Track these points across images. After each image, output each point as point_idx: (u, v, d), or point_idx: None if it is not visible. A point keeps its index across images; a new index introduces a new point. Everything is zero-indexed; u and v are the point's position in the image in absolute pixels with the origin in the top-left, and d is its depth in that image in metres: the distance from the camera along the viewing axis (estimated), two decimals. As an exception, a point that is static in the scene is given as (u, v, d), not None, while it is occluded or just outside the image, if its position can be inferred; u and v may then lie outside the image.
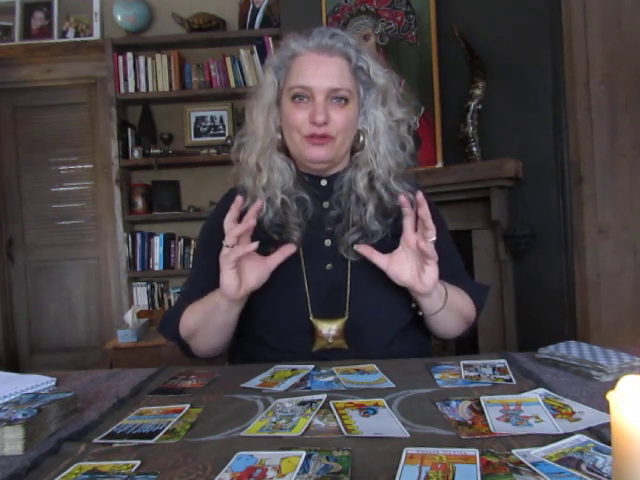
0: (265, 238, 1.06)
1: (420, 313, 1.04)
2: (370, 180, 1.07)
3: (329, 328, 1.03)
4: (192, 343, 1.07)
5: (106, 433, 0.68)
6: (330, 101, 1.03)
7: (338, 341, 1.03)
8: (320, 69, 1.02)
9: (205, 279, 1.08)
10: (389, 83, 1.08)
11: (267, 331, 1.06)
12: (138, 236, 3.37)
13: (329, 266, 1.07)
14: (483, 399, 0.72)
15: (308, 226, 1.07)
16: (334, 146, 1.05)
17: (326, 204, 1.10)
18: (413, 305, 1.05)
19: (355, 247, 1.03)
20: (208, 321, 1.02)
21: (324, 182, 1.11)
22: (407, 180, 1.10)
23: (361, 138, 1.08)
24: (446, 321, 1.05)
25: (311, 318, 1.03)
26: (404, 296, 1.03)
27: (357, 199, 1.07)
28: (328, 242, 1.08)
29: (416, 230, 0.97)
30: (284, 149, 1.09)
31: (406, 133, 1.10)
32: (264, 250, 1.06)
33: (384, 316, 1.04)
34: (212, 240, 1.14)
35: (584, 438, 0.59)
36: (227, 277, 0.93)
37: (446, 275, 1.05)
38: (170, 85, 3.32)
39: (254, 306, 1.07)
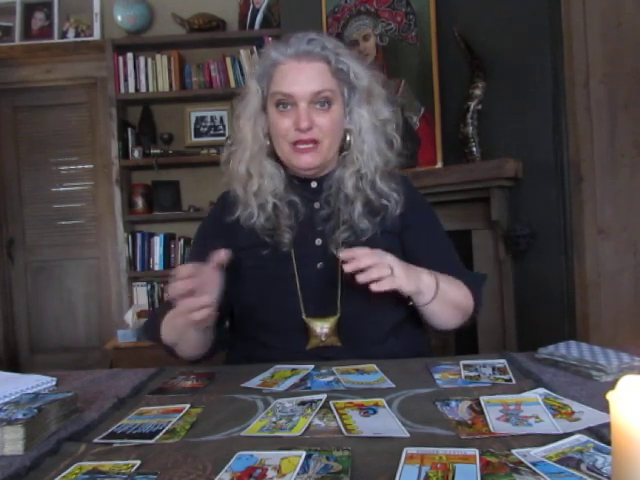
0: (258, 241, 1.08)
1: (410, 303, 1.04)
2: (357, 179, 1.08)
3: (322, 326, 1.04)
4: (177, 350, 1.06)
5: (106, 433, 0.68)
6: (313, 106, 1.04)
7: (331, 338, 1.04)
8: (301, 75, 1.04)
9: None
10: (373, 83, 1.09)
11: (262, 331, 1.08)
12: (138, 236, 3.37)
13: (320, 265, 1.08)
14: (483, 399, 0.72)
15: (299, 226, 1.08)
16: (322, 150, 1.06)
17: (317, 204, 1.11)
18: (410, 303, 1.04)
19: (340, 254, 0.96)
20: (184, 340, 1.02)
21: (314, 184, 1.12)
22: (394, 179, 1.11)
23: (347, 137, 1.09)
24: (439, 312, 1.05)
25: (304, 317, 1.04)
26: (396, 293, 1.03)
27: (346, 198, 1.08)
28: (319, 241, 1.09)
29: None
30: (273, 155, 1.10)
31: (393, 131, 1.12)
32: (257, 253, 1.08)
33: (376, 313, 1.04)
34: (204, 244, 1.16)
35: (584, 438, 0.59)
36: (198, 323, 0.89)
37: (441, 269, 1.05)
38: (170, 85, 3.32)
39: (248, 307, 1.09)
